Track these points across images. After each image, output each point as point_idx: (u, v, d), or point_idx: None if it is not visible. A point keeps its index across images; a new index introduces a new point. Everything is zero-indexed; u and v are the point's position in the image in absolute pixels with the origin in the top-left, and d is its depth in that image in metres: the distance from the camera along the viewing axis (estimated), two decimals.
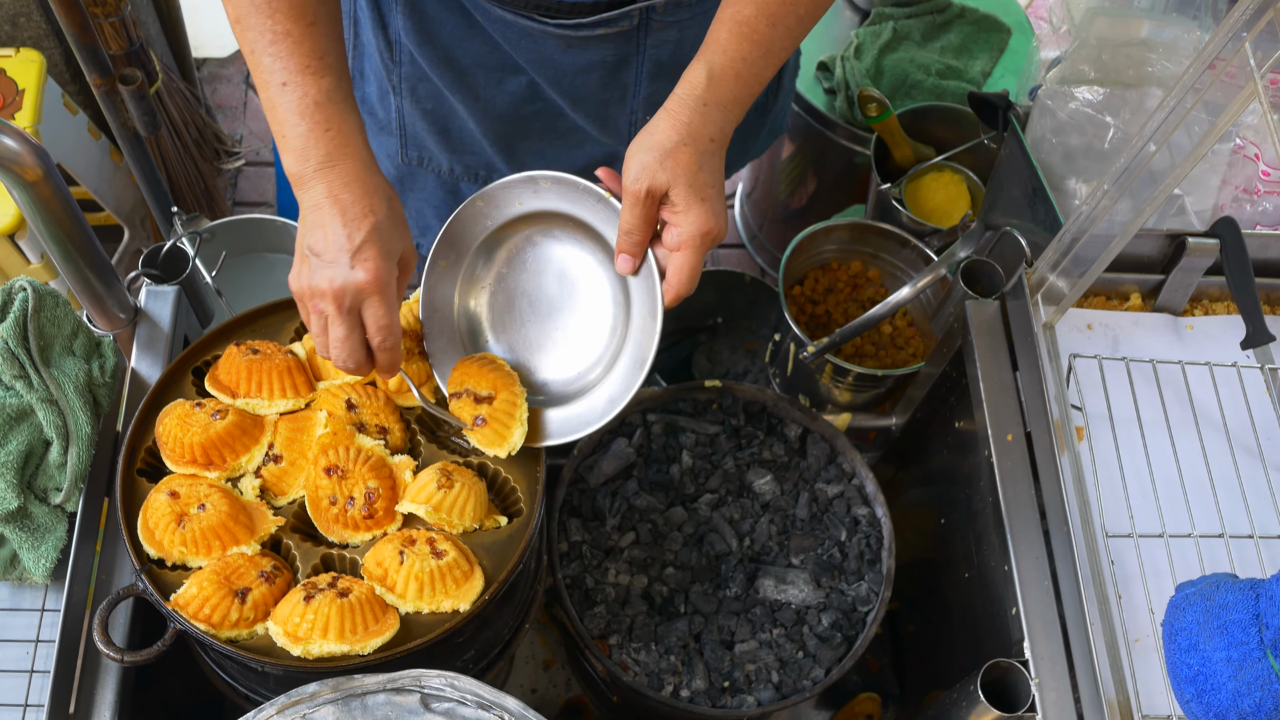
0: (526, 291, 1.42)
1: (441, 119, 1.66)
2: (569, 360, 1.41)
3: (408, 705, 1.20)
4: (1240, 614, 1.08)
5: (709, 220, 1.23)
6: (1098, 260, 1.54)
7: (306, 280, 1.24)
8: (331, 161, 1.22)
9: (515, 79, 1.56)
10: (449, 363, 1.43)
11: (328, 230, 1.21)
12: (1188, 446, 1.57)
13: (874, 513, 1.79)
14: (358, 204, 1.22)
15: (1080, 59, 1.78)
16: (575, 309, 1.40)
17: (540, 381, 1.43)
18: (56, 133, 2.38)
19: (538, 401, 1.42)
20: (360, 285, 1.21)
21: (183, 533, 1.29)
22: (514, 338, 1.44)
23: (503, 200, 1.38)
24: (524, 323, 1.43)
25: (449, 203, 1.76)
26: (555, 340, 1.42)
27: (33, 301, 1.41)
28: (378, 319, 1.24)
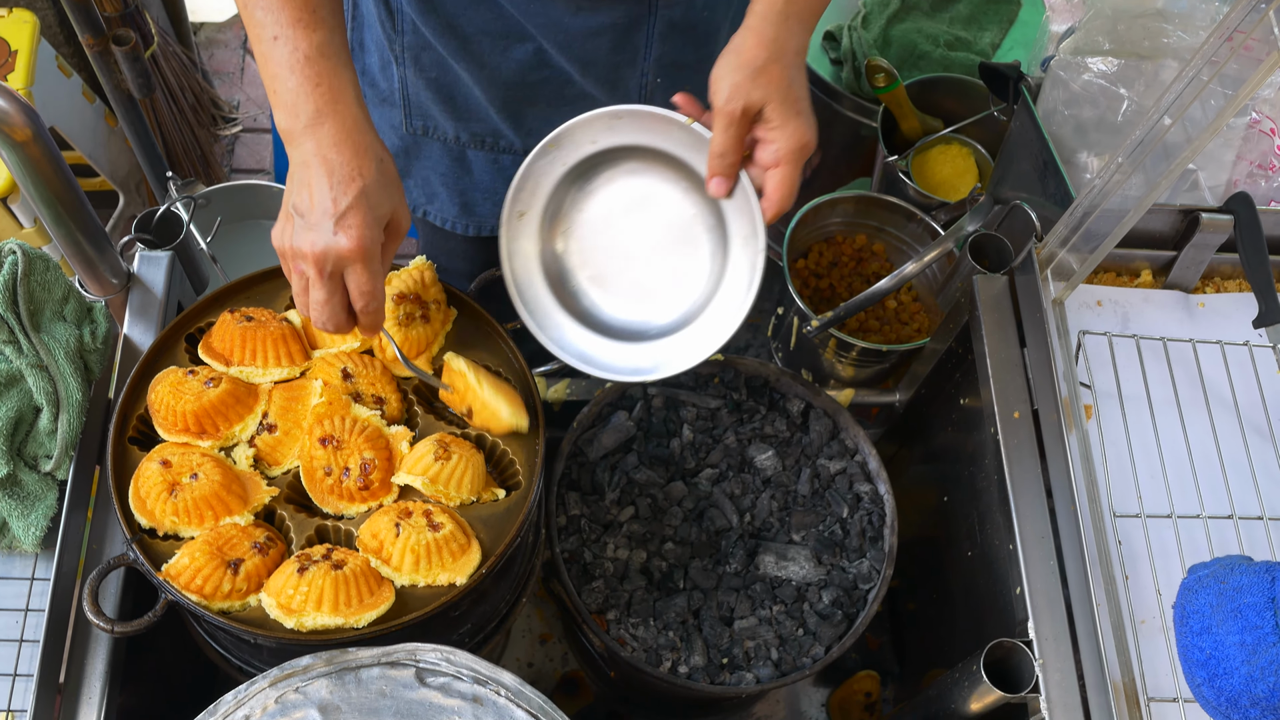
0: (612, 230, 1.40)
1: (446, 87, 1.63)
2: (667, 293, 1.40)
3: (402, 679, 1.18)
4: (1255, 597, 1.06)
5: (806, 132, 1.24)
6: (1109, 236, 1.51)
7: (289, 239, 1.21)
8: (320, 118, 1.19)
9: (521, 46, 1.53)
10: (542, 311, 1.41)
11: (314, 190, 1.18)
12: (1197, 426, 1.54)
13: (876, 490, 1.76)
14: (346, 165, 1.19)
15: (1094, 29, 1.74)
16: (666, 241, 1.38)
17: (640, 318, 1.41)
18: (49, 95, 2.34)
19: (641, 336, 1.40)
20: (342, 252, 1.18)
21: (175, 502, 1.27)
22: (605, 278, 1.41)
23: (576, 141, 1.36)
24: (614, 262, 1.41)
25: (456, 170, 1.74)
26: (649, 275, 1.40)
27: (22, 265, 1.38)
28: (360, 285, 1.21)
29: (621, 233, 1.40)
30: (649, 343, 1.41)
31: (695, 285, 1.39)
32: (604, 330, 1.43)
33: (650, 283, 1.40)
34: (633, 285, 1.41)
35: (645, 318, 1.42)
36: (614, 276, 1.41)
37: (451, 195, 1.77)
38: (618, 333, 1.43)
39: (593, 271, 1.42)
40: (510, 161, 1.72)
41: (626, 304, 1.42)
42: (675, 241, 1.38)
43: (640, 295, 1.41)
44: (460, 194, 1.77)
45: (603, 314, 1.43)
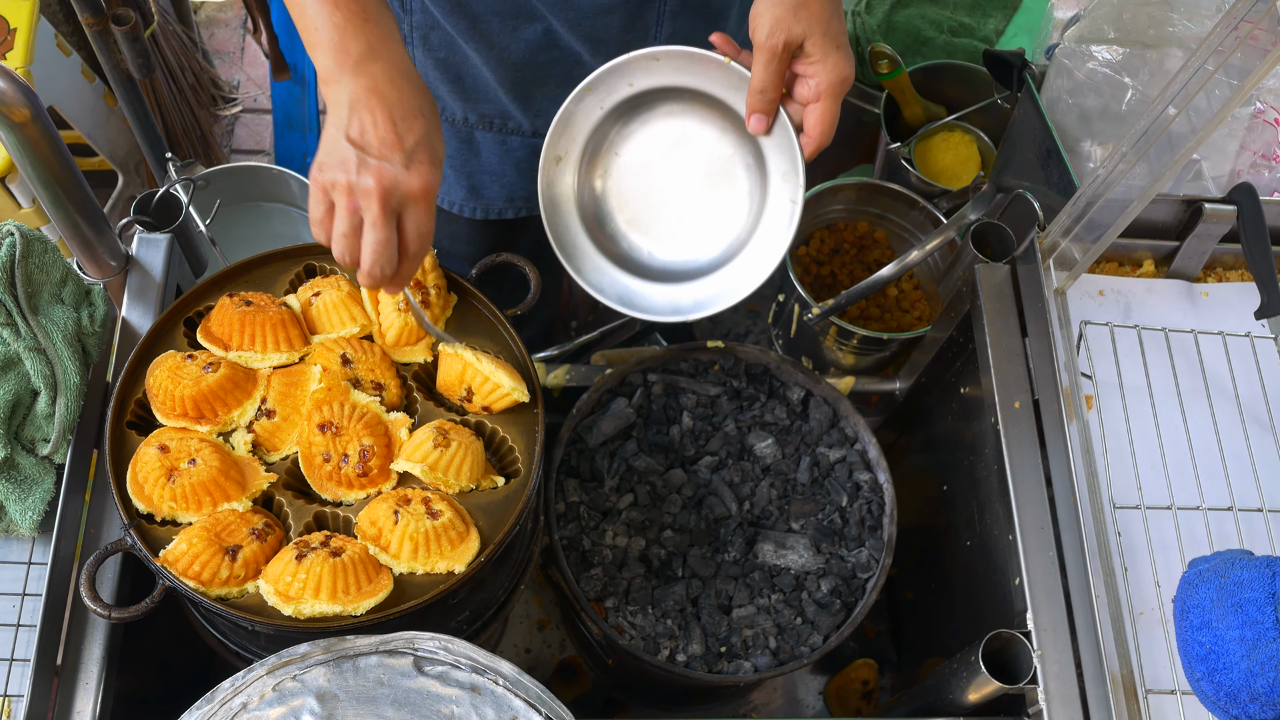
0: (650, 172, 1.40)
1: (455, 68, 1.62)
2: (706, 233, 1.40)
3: (400, 668, 1.17)
4: (1255, 592, 1.06)
5: (845, 66, 1.24)
6: (1113, 226, 1.50)
7: (348, 173, 1.14)
8: (374, 55, 1.15)
9: (530, 26, 1.52)
10: (581, 254, 1.41)
11: (377, 122, 1.14)
12: (1198, 417, 1.54)
13: (876, 478, 1.76)
14: (406, 103, 1.15)
15: (1099, 18, 1.73)
16: (704, 181, 1.39)
17: (681, 257, 1.42)
18: (49, 74, 2.33)
19: (681, 277, 1.41)
20: (412, 190, 1.15)
21: (173, 488, 1.26)
22: (644, 220, 1.42)
23: (613, 84, 1.36)
24: (652, 203, 1.41)
25: (464, 152, 1.73)
26: (688, 215, 1.41)
27: (20, 247, 1.37)
28: (419, 226, 1.17)
29: (660, 174, 1.40)
30: (689, 283, 1.42)
31: (734, 224, 1.40)
32: (643, 272, 1.44)
33: (689, 223, 1.41)
34: (671, 226, 1.42)
35: (684, 258, 1.43)
36: (653, 218, 1.42)
37: (459, 178, 1.77)
38: (657, 274, 1.44)
39: (631, 214, 1.43)
40: (519, 143, 1.71)
41: (665, 245, 1.43)
42: (714, 181, 1.39)
43: (679, 236, 1.42)
44: (468, 176, 1.76)
45: (642, 256, 1.44)
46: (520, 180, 1.78)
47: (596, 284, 1.42)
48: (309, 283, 1.44)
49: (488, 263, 1.51)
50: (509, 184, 1.78)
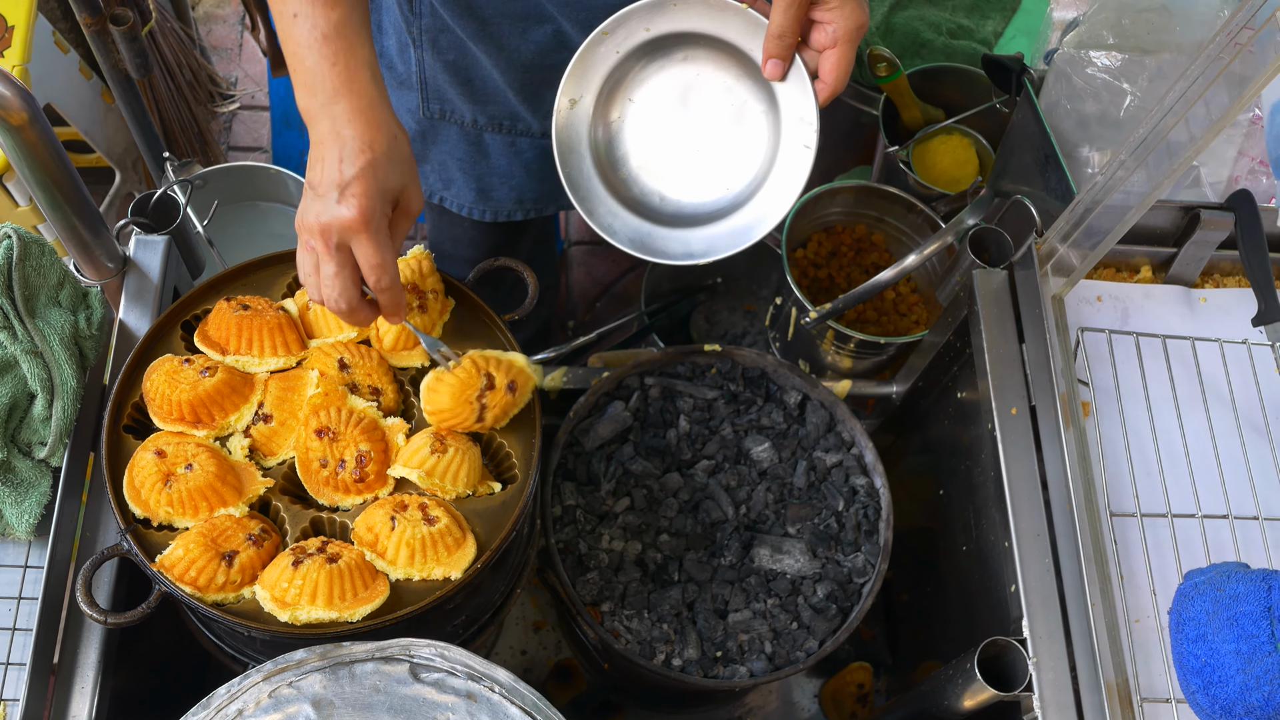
0: (664, 117, 1.41)
1: (464, 70, 1.63)
2: (718, 177, 1.41)
3: (397, 675, 1.17)
4: (1251, 606, 1.06)
5: (860, 13, 1.25)
6: (1111, 232, 1.50)
7: (303, 215, 1.21)
8: (337, 97, 1.20)
9: (540, 28, 1.53)
10: (594, 198, 1.42)
11: (325, 165, 1.19)
12: (1195, 424, 1.54)
13: (872, 483, 1.76)
14: (357, 139, 1.19)
15: (1099, 23, 1.73)
16: (718, 127, 1.40)
17: (694, 202, 1.43)
18: (46, 71, 2.32)
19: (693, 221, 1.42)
20: (345, 222, 1.18)
21: (169, 493, 1.26)
22: (657, 164, 1.43)
23: (629, 28, 1.37)
24: (666, 148, 1.42)
25: (473, 155, 1.73)
26: (701, 160, 1.42)
27: (18, 250, 1.37)
28: (368, 258, 1.20)
29: (674, 119, 1.41)
30: (701, 227, 1.43)
31: (748, 169, 1.41)
32: (655, 217, 1.45)
33: (702, 167, 1.42)
34: (684, 170, 1.43)
35: (697, 202, 1.43)
36: (666, 162, 1.43)
37: (468, 180, 1.77)
38: (669, 218, 1.44)
39: (644, 158, 1.43)
40: (528, 145, 1.71)
41: (678, 189, 1.44)
42: (728, 126, 1.40)
43: (692, 180, 1.43)
44: (477, 179, 1.76)
45: (654, 200, 1.44)
46: (530, 181, 1.78)
47: (608, 227, 1.43)
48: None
49: (485, 267, 1.51)
50: (518, 185, 1.78)
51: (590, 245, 2.98)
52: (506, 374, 1.38)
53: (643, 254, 1.43)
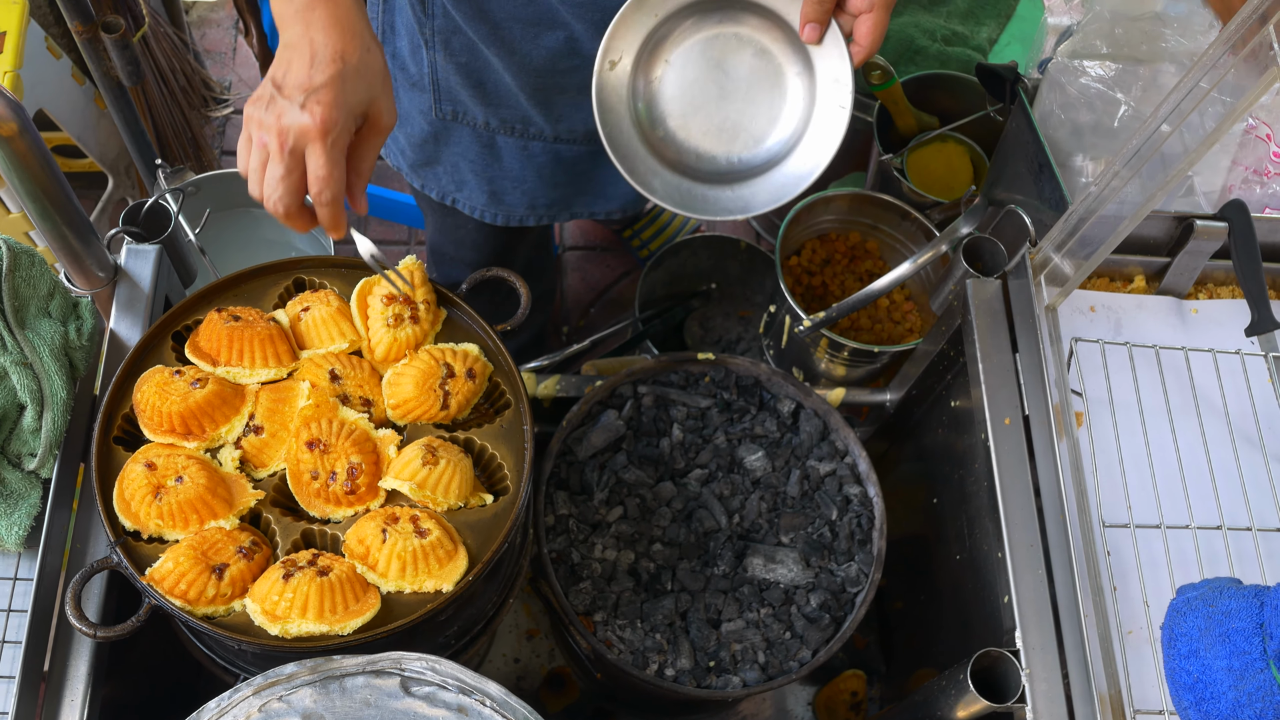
0: (702, 78, 1.43)
1: (476, 73, 1.63)
2: (754, 138, 1.45)
3: (387, 689, 1.17)
4: (1243, 622, 1.05)
5: None
6: (1105, 243, 1.50)
7: (259, 109, 1.20)
8: (314, 4, 1.20)
9: (552, 34, 1.53)
10: (634, 157, 1.44)
11: (293, 67, 1.19)
12: (1188, 435, 1.54)
13: (866, 492, 1.76)
14: (330, 47, 1.19)
15: (1092, 33, 1.73)
16: (754, 88, 1.43)
17: (730, 161, 1.46)
18: (38, 77, 2.32)
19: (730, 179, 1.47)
20: (304, 128, 1.17)
21: (159, 505, 1.26)
22: (695, 124, 1.45)
23: None
24: (703, 108, 1.45)
25: (485, 157, 1.73)
26: (738, 121, 1.45)
27: (8, 261, 1.37)
28: (316, 168, 1.19)
29: (711, 80, 1.44)
30: (738, 185, 1.47)
31: (783, 129, 1.44)
32: (694, 175, 1.48)
33: (738, 128, 1.45)
34: (721, 130, 1.46)
35: (733, 161, 1.47)
36: (703, 122, 1.46)
37: (480, 183, 1.77)
38: (707, 176, 1.48)
39: (682, 117, 1.46)
40: (540, 149, 1.72)
41: (715, 148, 1.47)
42: (764, 88, 1.43)
43: (728, 140, 1.46)
44: (489, 182, 1.77)
45: (690, 159, 1.47)
46: (542, 186, 1.78)
47: (648, 184, 1.46)
48: (298, 297, 1.44)
49: (478, 277, 1.51)
50: (530, 190, 1.78)
51: (584, 250, 2.98)
52: (464, 362, 1.40)
53: (681, 210, 1.47)
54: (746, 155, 1.46)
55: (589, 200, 1.85)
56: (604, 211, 1.87)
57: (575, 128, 1.70)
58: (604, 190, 1.84)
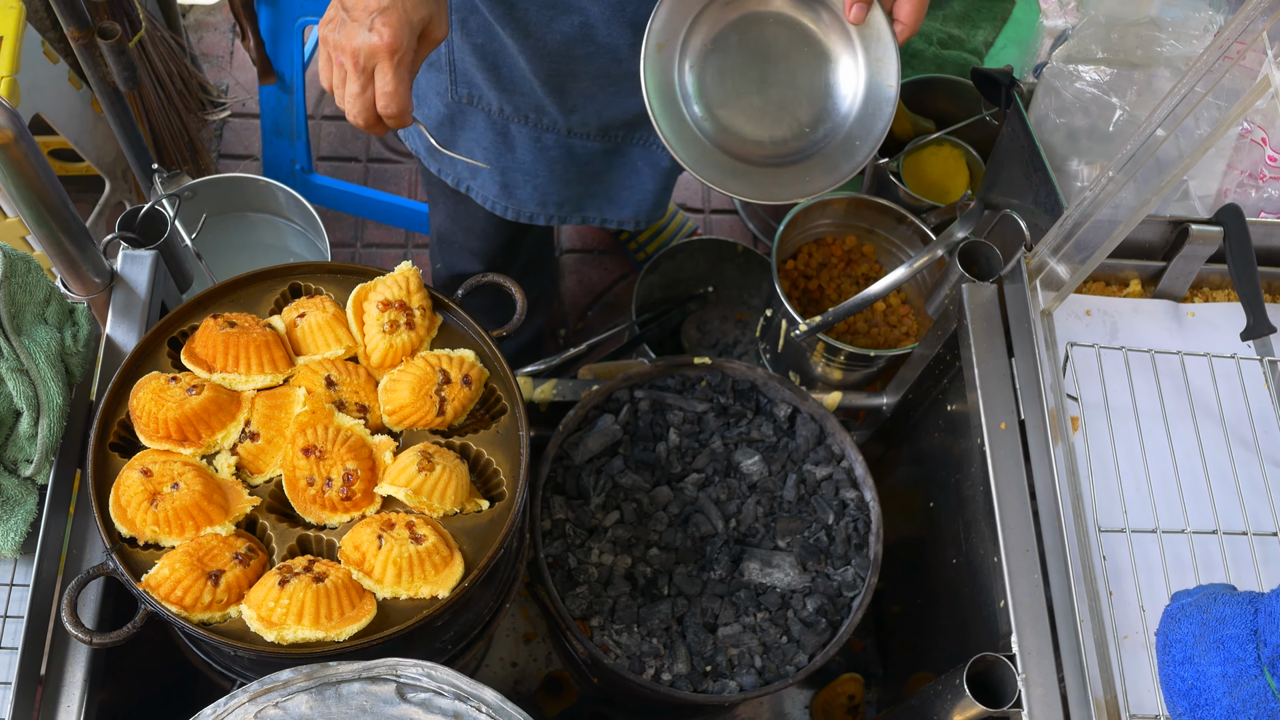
0: (748, 61, 1.44)
1: (492, 55, 1.63)
2: (802, 118, 1.45)
3: (383, 695, 1.17)
4: (1237, 629, 1.05)
5: None
6: (1100, 247, 1.50)
7: (333, 31, 1.29)
8: None
9: (568, 18, 1.54)
10: (681, 138, 1.43)
11: None
12: (1184, 439, 1.54)
13: (862, 496, 1.76)
14: None
15: (1088, 37, 1.73)
16: (800, 69, 1.44)
17: (776, 143, 1.45)
18: (35, 82, 2.31)
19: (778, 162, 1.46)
20: (375, 47, 1.25)
21: (155, 512, 1.26)
22: (741, 105, 1.45)
23: None
24: (751, 90, 1.45)
25: (499, 145, 1.73)
26: (785, 102, 1.45)
27: (4, 267, 1.36)
28: (384, 84, 1.28)
29: (752, 65, 1.45)
30: (784, 167, 1.46)
31: (831, 110, 1.45)
32: (741, 157, 1.47)
33: (782, 111, 1.46)
34: (765, 114, 1.46)
35: (781, 143, 1.46)
36: (747, 107, 1.46)
37: (493, 172, 1.77)
38: (754, 159, 1.47)
39: (726, 103, 1.46)
40: (553, 141, 1.71)
41: (760, 133, 1.46)
42: (806, 72, 1.44)
43: (772, 124, 1.46)
44: (501, 172, 1.76)
45: (737, 143, 1.47)
46: (553, 182, 1.78)
47: (695, 163, 1.45)
48: (294, 303, 1.44)
49: (474, 283, 1.51)
50: (542, 185, 1.78)
51: (582, 253, 2.98)
52: (459, 368, 1.40)
53: (735, 193, 1.47)
54: (793, 139, 1.46)
55: (601, 204, 1.85)
56: (616, 220, 1.87)
57: (589, 119, 1.71)
58: (617, 195, 1.84)
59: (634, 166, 1.79)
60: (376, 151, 3.14)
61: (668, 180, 1.81)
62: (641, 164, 1.78)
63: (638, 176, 1.80)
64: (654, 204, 1.84)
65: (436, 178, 1.88)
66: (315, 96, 3.19)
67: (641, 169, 1.79)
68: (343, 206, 2.93)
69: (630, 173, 1.80)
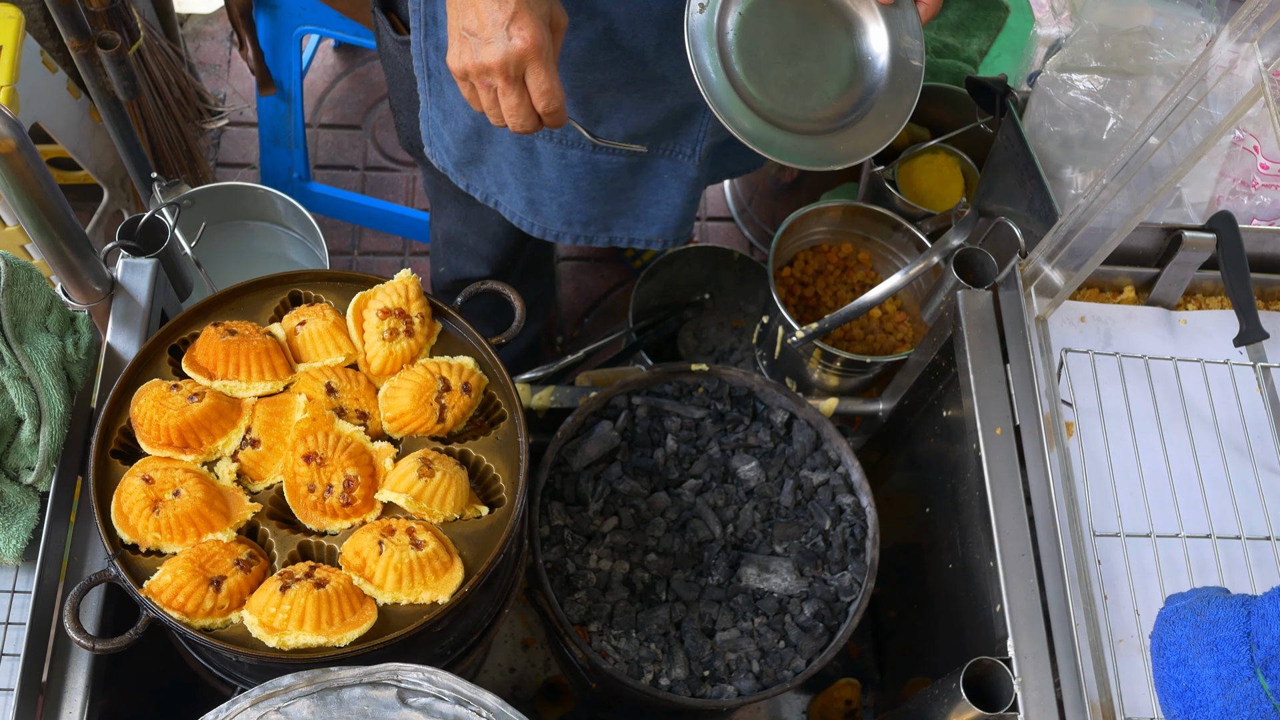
0: (774, 32, 1.47)
1: None
2: (830, 91, 1.48)
3: (384, 700, 1.18)
4: (1231, 631, 1.06)
5: None
6: (1094, 254, 1.51)
7: (470, 59, 1.31)
8: None
9: (590, 25, 1.54)
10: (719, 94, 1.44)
11: (479, 10, 1.28)
12: (1178, 444, 1.55)
13: (859, 501, 1.77)
14: None
15: (1081, 46, 1.74)
16: (825, 44, 1.48)
17: (807, 112, 1.47)
18: (34, 91, 2.32)
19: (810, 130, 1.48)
20: (522, 52, 1.28)
21: (157, 519, 1.26)
22: (771, 76, 1.47)
23: None
24: (777, 63, 1.47)
25: (525, 161, 1.72)
26: (814, 74, 1.48)
27: (5, 276, 1.37)
28: (539, 84, 1.31)
29: (783, 36, 1.47)
30: (814, 136, 1.49)
31: (856, 87, 1.49)
32: (777, 123, 1.48)
33: (811, 84, 1.48)
34: (795, 86, 1.48)
35: (810, 116, 1.48)
36: (778, 77, 1.48)
37: (519, 188, 1.76)
38: (788, 125, 1.49)
39: (757, 71, 1.47)
40: (579, 159, 1.70)
41: (789, 103, 1.48)
42: (833, 45, 1.48)
43: (802, 95, 1.49)
44: (528, 188, 1.75)
45: (766, 108, 1.48)
46: (579, 201, 1.76)
47: (735, 123, 1.46)
48: (294, 311, 1.45)
49: (473, 290, 1.52)
50: (568, 204, 1.76)
51: (579, 260, 2.99)
52: (459, 376, 1.41)
53: (768, 153, 1.47)
54: (822, 110, 1.48)
55: (628, 223, 1.83)
56: (644, 238, 1.85)
57: (614, 131, 1.69)
58: (644, 213, 1.82)
59: (661, 180, 1.78)
60: (374, 160, 3.16)
61: (694, 193, 1.80)
62: (668, 176, 1.77)
63: (665, 190, 1.79)
64: (681, 219, 1.82)
65: (447, 182, 1.87)
66: (313, 105, 3.21)
67: (668, 181, 1.78)
68: (340, 214, 2.94)
69: (657, 187, 1.79)
